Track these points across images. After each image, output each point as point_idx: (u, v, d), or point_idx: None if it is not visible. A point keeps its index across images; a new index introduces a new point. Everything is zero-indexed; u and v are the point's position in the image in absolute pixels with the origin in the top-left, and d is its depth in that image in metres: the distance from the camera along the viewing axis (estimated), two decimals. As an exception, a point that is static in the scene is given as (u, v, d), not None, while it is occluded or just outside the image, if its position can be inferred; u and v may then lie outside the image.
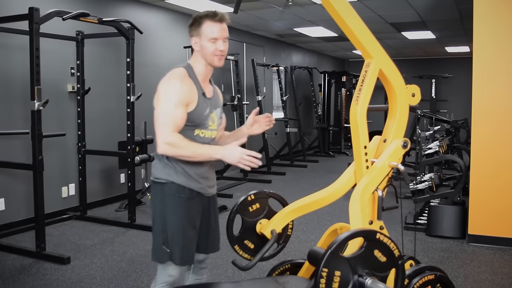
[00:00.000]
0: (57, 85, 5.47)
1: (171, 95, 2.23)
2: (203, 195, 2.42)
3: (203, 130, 2.36)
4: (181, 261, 2.34)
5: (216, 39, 2.29)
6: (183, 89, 2.25)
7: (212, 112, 2.41)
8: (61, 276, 3.76)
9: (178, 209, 2.33)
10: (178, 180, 2.32)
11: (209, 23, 2.28)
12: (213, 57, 2.32)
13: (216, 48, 2.30)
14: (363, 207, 2.28)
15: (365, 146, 2.41)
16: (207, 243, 2.53)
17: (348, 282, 1.87)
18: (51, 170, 5.33)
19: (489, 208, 4.59)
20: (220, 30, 2.30)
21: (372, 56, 2.38)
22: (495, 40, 4.51)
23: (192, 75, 2.33)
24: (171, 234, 2.32)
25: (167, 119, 2.20)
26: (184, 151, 2.20)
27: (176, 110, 2.22)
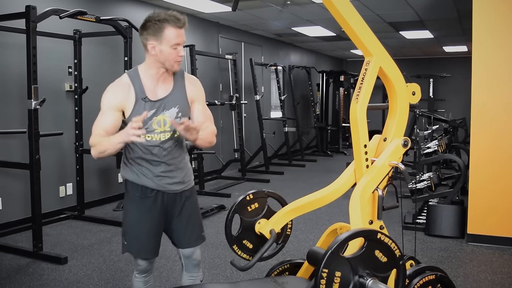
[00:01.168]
0: (54, 84, 5.44)
1: (102, 102, 2.29)
2: (163, 192, 2.41)
3: (149, 134, 2.30)
4: (136, 254, 2.46)
5: (178, 45, 2.26)
6: (114, 95, 2.28)
7: (160, 114, 2.32)
8: (58, 276, 3.74)
9: (131, 205, 2.43)
10: (132, 178, 2.40)
11: (171, 29, 2.23)
12: (173, 62, 2.29)
13: (177, 54, 2.27)
14: (363, 207, 2.26)
15: (365, 145, 2.39)
16: (181, 238, 2.53)
17: (348, 283, 1.85)
18: (48, 169, 5.30)
19: (488, 207, 4.58)
20: (181, 35, 2.27)
21: (372, 54, 2.36)
22: (495, 39, 4.49)
23: (136, 79, 2.31)
24: (126, 228, 2.45)
25: (95, 125, 2.27)
26: (100, 148, 2.20)
27: (104, 115, 2.26)
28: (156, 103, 2.32)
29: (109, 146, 2.17)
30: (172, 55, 2.26)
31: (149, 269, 2.54)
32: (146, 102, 2.29)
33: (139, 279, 2.55)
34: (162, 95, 2.34)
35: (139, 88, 2.30)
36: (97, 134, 2.24)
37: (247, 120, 9.35)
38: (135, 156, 2.37)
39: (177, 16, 2.26)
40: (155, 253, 2.49)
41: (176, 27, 2.24)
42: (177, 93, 2.39)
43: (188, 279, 2.65)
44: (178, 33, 2.25)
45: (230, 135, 8.75)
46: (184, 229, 2.51)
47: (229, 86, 8.45)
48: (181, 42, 2.27)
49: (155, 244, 2.47)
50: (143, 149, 2.34)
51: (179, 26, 2.25)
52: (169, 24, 2.24)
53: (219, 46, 8.61)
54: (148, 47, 2.29)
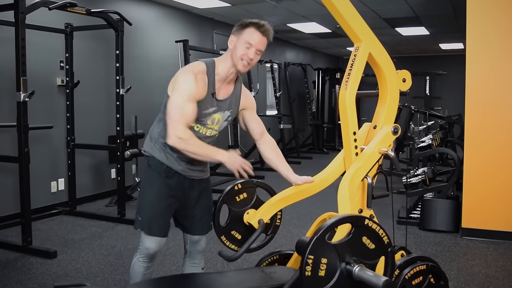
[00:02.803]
0: (46, 78, 5.39)
1: (185, 88, 2.29)
2: (185, 177, 2.49)
3: (199, 125, 2.41)
4: (149, 231, 2.46)
5: (251, 46, 2.32)
6: (197, 85, 2.30)
7: (217, 113, 2.44)
8: (46, 270, 3.69)
9: (152, 182, 2.47)
10: (159, 156, 2.46)
11: (253, 29, 2.33)
12: (239, 60, 2.34)
13: (246, 53, 2.33)
14: (352, 194, 2.22)
15: (354, 132, 2.36)
16: (192, 224, 2.60)
17: (335, 270, 1.81)
18: (40, 164, 5.26)
19: (482, 201, 4.55)
20: (258, 39, 2.33)
21: (361, 39, 2.33)
22: (488, 36, 4.47)
23: (211, 72, 2.37)
24: (142, 204, 2.50)
25: (179, 112, 2.27)
26: (191, 148, 2.28)
27: (187, 104, 2.28)
28: (218, 102, 2.42)
29: (206, 156, 2.32)
30: (242, 51, 2.33)
31: (155, 255, 2.53)
32: (213, 99, 2.39)
33: (141, 264, 2.52)
34: (223, 96, 2.44)
35: (212, 82, 2.37)
36: (184, 125, 2.27)
37: (242, 117, 9.30)
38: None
39: (262, 22, 2.36)
40: (165, 233, 2.50)
41: (257, 30, 2.33)
42: (234, 99, 2.51)
43: (190, 266, 2.68)
44: (256, 36, 2.33)
45: (225, 131, 8.69)
46: (200, 216, 2.59)
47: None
48: (255, 46, 2.33)
49: (167, 224, 2.50)
50: None
51: (260, 30, 2.33)
52: (252, 26, 2.34)
53: (214, 42, 8.57)
54: (229, 41, 2.40)
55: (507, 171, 4.47)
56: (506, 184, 4.47)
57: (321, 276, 1.78)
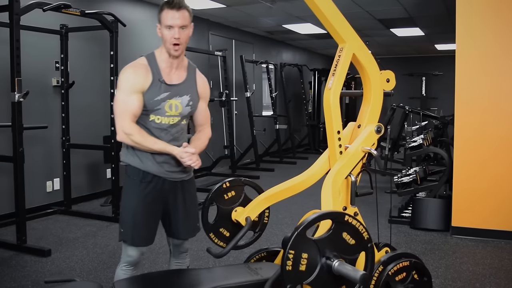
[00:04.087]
0: (41, 79, 5.44)
1: (125, 83, 2.31)
2: (164, 180, 2.43)
3: (158, 116, 2.37)
4: (132, 242, 2.41)
5: (172, 27, 2.28)
6: (135, 76, 2.31)
7: (173, 98, 2.39)
8: (40, 268, 3.74)
9: (131, 191, 2.42)
10: (134, 162, 2.40)
11: (166, 10, 2.28)
12: (169, 45, 2.31)
13: (172, 36, 2.28)
14: (335, 192, 2.27)
15: (338, 131, 2.41)
16: (175, 228, 2.54)
17: (315, 265, 1.86)
18: (35, 164, 5.31)
19: (472, 200, 4.60)
20: (176, 17, 2.28)
21: (345, 40, 2.38)
22: (477, 37, 4.53)
23: (153, 62, 2.36)
24: (123, 215, 2.45)
25: (122, 107, 2.30)
26: (139, 141, 2.30)
27: (129, 97, 2.29)
28: (171, 87, 2.37)
29: (150, 147, 2.32)
30: (168, 36, 2.29)
31: (138, 261, 2.50)
32: (162, 84, 2.35)
33: (125, 272, 2.48)
34: (176, 81, 2.40)
35: (156, 70, 2.35)
36: (130, 120, 2.29)
37: (238, 118, 9.35)
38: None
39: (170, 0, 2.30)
40: (149, 241, 2.47)
41: (170, 8, 2.27)
42: (190, 83, 2.47)
43: (175, 265, 2.67)
44: (171, 15, 2.27)
45: (221, 132, 8.75)
46: (183, 219, 2.52)
47: (219, 83, 8.45)
48: (175, 24, 2.27)
49: (151, 232, 2.46)
50: (150, 132, 2.37)
51: (172, 7, 2.27)
52: (165, 6, 2.29)
53: (210, 43, 8.62)
54: (157, 29, 2.37)
55: (496, 171, 4.52)
56: (496, 183, 4.53)
57: (302, 270, 1.83)
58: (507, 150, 4.48)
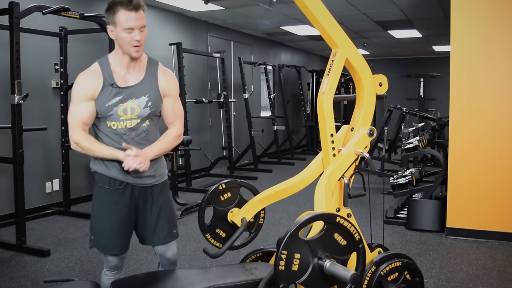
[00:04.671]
0: (40, 81, 5.49)
1: (74, 92, 2.25)
2: (133, 186, 2.34)
3: (113, 122, 2.27)
4: (102, 249, 2.39)
5: (132, 29, 2.17)
6: (85, 83, 2.23)
7: (126, 102, 2.26)
8: (40, 268, 3.78)
9: (98, 198, 2.37)
10: (100, 169, 2.33)
11: (124, 11, 2.14)
12: (130, 48, 2.20)
13: (133, 39, 2.17)
14: (328, 193, 2.32)
15: (331, 134, 2.46)
16: (150, 234, 2.43)
17: (308, 265, 1.91)
18: (35, 165, 5.35)
19: (467, 201, 4.65)
20: (135, 19, 2.16)
21: (338, 45, 2.43)
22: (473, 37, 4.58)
23: (105, 66, 2.27)
24: (93, 222, 2.39)
25: (72, 117, 2.24)
26: (89, 150, 2.23)
27: (79, 106, 2.22)
28: (125, 90, 2.26)
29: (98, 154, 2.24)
30: (127, 39, 2.17)
31: (119, 265, 2.47)
32: (114, 88, 2.24)
33: (109, 277, 2.47)
34: (132, 82, 2.29)
35: (107, 74, 2.25)
36: (79, 129, 2.22)
37: (236, 119, 9.40)
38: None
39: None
40: (123, 249, 2.40)
41: (128, 9, 2.14)
42: (148, 82, 2.33)
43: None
44: (129, 17, 2.15)
45: (219, 133, 8.80)
46: (154, 225, 2.41)
47: (217, 84, 8.51)
48: (136, 27, 2.17)
49: (123, 240, 2.38)
50: (110, 139, 2.29)
51: (130, 9, 2.14)
52: (121, 7, 2.14)
53: (208, 45, 8.67)
54: (108, 31, 2.23)
55: (491, 172, 4.57)
56: (490, 185, 4.57)
57: (294, 270, 1.88)
58: (502, 152, 4.52)
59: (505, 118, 4.51)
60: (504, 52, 4.49)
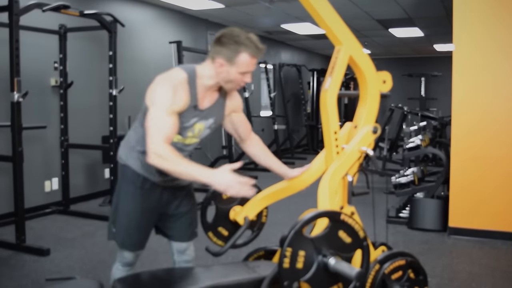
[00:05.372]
0: (40, 79, 5.46)
1: (163, 102, 2.06)
2: (163, 187, 2.33)
3: (179, 137, 2.23)
4: (122, 245, 2.36)
5: (247, 72, 2.16)
6: (178, 98, 2.09)
7: (198, 123, 2.24)
8: (39, 267, 3.76)
9: (128, 194, 2.32)
10: (134, 165, 2.29)
11: (248, 56, 2.11)
12: (235, 86, 2.21)
13: (242, 80, 2.18)
14: (332, 191, 2.29)
15: (335, 131, 2.43)
16: (177, 230, 2.47)
17: (312, 262, 1.88)
18: (34, 164, 5.32)
19: (469, 200, 4.62)
20: (255, 64, 2.18)
21: (342, 42, 2.39)
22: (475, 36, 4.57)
23: (192, 84, 2.15)
24: (118, 216, 2.34)
25: (157, 128, 2.02)
26: (171, 167, 1.98)
27: (167, 118, 2.05)
28: (201, 113, 2.23)
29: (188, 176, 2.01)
30: (237, 79, 2.16)
31: (134, 262, 2.47)
32: (196, 110, 2.20)
33: (121, 272, 2.45)
34: (206, 105, 2.25)
35: (193, 95, 2.16)
36: (163, 141, 2.00)
37: (236, 118, 9.36)
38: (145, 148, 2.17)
39: (257, 45, 2.14)
40: (142, 246, 2.40)
41: (253, 55, 2.13)
42: (218, 105, 2.32)
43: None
44: (252, 62, 2.14)
45: (219, 132, 8.77)
46: (182, 222, 2.46)
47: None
48: (251, 70, 2.18)
49: (144, 238, 2.38)
50: None
51: (256, 56, 2.15)
52: (247, 51, 2.11)
53: (208, 44, 8.64)
54: (216, 63, 2.14)
55: (493, 171, 4.54)
56: (492, 184, 4.55)
57: (299, 268, 1.85)
58: (505, 151, 4.50)
59: (508, 117, 4.48)
60: (509, 51, 4.46)
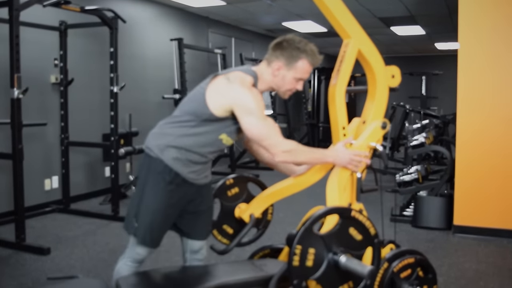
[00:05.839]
0: (40, 76, 5.39)
1: (256, 105, 2.16)
2: (191, 184, 2.31)
3: (227, 136, 2.28)
4: (142, 240, 2.30)
5: (302, 79, 2.27)
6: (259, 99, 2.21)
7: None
8: (40, 266, 3.70)
9: (156, 188, 2.25)
10: (167, 159, 2.24)
11: (307, 64, 2.25)
12: (286, 91, 2.30)
13: (295, 87, 2.29)
14: (341, 188, 2.24)
15: (343, 127, 2.38)
16: (195, 228, 2.44)
17: (322, 260, 1.84)
18: (33, 162, 5.26)
19: (474, 199, 4.58)
20: (309, 72, 2.29)
21: (351, 35, 2.35)
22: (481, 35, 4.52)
23: (256, 86, 2.28)
24: (143, 211, 2.27)
25: (271, 126, 2.18)
26: (300, 157, 2.23)
27: (266, 119, 2.18)
28: None
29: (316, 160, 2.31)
30: (291, 85, 2.28)
31: (145, 259, 2.41)
32: None
33: (130, 268, 2.38)
34: None
35: (261, 99, 2.26)
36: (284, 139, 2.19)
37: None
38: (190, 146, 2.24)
39: (317, 55, 2.28)
40: (159, 243, 2.36)
41: (312, 63, 2.26)
42: None
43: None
44: (309, 70, 2.27)
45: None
46: (201, 220, 2.44)
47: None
48: (306, 79, 2.29)
49: (163, 235, 2.35)
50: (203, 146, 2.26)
51: (313, 64, 2.27)
52: (307, 58, 2.24)
53: (209, 41, 8.59)
54: (274, 66, 2.26)
55: (498, 169, 4.50)
56: (497, 182, 4.50)
57: (309, 266, 1.80)
58: (510, 148, 4.45)
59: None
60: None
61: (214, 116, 2.20)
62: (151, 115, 6.71)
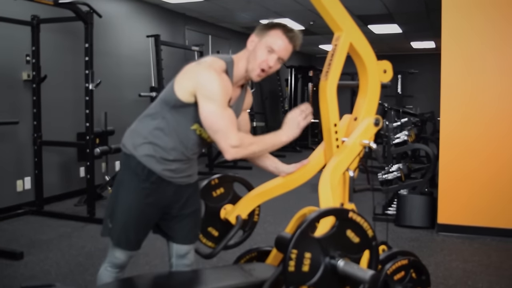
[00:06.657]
0: (11, 73, 5.18)
1: (218, 90, 1.98)
2: (169, 183, 2.16)
3: (199, 126, 2.09)
4: (117, 242, 2.16)
5: (273, 51, 2.08)
6: (227, 90, 2.04)
7: None
8: (12, 272, 3.52)
9: (130, 187, 2.13)
10: (139, 156, 2.12)
11: (279, 33, 2.09)
12: (256, 68, 2.09)
13: (266, 61, 2.08)
14: (334, 187, 2.14)
15: (335, 124, 2.28)
16: (180, 232, 2.27)
17: (319, 264, 1.73)
18: (5, 162, 5.06)
19: (457, 197, 4.56)
20: (283, 45, 2.09)
21: (342, 28, 2.24)
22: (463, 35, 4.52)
23: (230, 73, 2.10)
24: (116, 211, 2.15)
25: (225, 118, 1.98)
26: (252, 148, 2.05)
27: (227, 109, 2.02)
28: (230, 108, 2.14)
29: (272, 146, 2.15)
30: (261, 57, 2.08)
31: (125, 264, 2.25)
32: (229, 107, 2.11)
33: (110, 273, 2.24)
34: (233, 100, 2.19)
35: (229, 87, 2.09)
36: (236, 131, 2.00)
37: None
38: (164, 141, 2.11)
39: (290, 27, 2.12)
40: (137, 246, 2.20)
41: (284, 34, 2.09)
42: (240, 101, 2.26)
43: None
44: (281, 41, 2.09)
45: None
46: (186, 223, 2.27)
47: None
48: (278, 52, 2.08)
49: (141, 236, 2.19)
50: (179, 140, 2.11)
51: (287, 35, 2.09)
52: (279, 28, 2.10)
53: (186, 39, 8.44)
54: (248, 41, 2.15)
55: (481, 168, 4.49)
56: (480, 180, 4.49)
57: (305, 271, 1.69)
58: (494, 147, 4.45)
59: (497, 113, 4.44)
60: (497, 45, 4.40)
61: (180, 101, 2.04)
62: (127, 114, 6.51)
